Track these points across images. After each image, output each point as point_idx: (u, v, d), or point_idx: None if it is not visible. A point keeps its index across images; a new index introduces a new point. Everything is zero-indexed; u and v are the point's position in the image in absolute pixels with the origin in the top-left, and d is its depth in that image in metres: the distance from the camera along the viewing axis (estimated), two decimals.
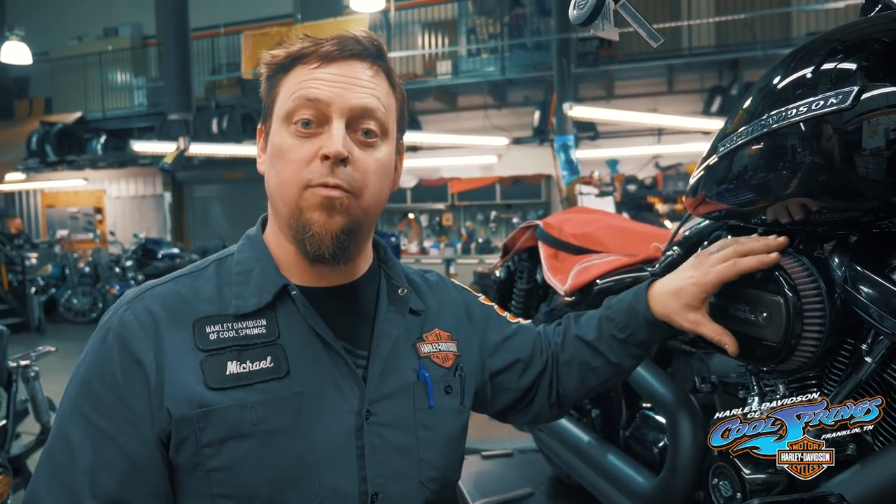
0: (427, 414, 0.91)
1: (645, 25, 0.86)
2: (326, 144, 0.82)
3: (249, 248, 0.91)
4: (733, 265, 0.97)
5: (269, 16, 11.50)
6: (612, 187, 8.74)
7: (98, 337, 0.83)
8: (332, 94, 0.83)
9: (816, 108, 0.87)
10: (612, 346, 1.05)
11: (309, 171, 0.82)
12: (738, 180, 1.06)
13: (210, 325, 0.82)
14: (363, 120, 0.85)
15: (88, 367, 0.81)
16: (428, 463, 0.89)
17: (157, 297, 0.84)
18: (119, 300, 0.86)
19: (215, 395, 0.79)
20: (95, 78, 12.68)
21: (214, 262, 0.90)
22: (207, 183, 13.18)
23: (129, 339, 0.80)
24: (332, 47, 0.85)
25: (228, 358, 0.81)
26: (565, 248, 1.79)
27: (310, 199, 0.83)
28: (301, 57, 0.85)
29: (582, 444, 1.53)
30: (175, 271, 0.90)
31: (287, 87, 0.85)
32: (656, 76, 9.93)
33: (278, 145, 0.85)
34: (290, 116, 0.84)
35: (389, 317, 0.93)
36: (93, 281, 10.13)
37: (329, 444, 0.82)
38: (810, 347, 0.93)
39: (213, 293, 0.85)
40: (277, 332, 0.84)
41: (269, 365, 0.82)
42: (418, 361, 0.94)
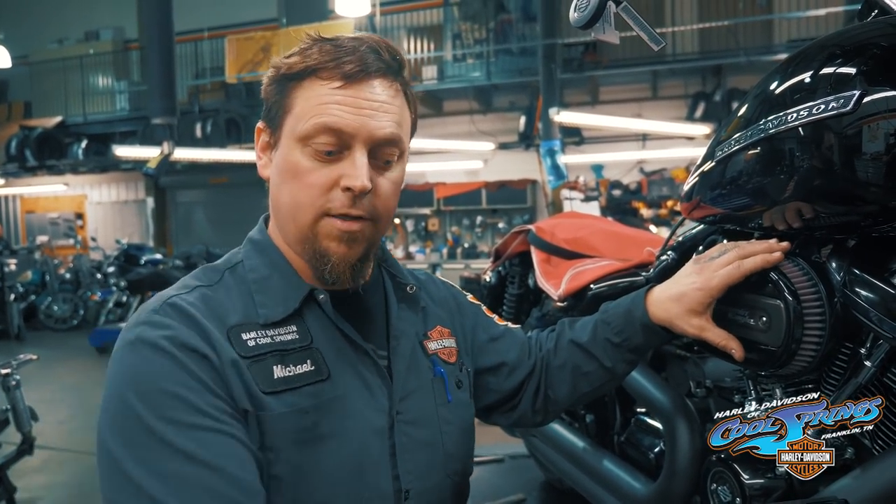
0: (447, 408, 0.94)
1: (647, 28, 0.86)
2: (349, 175, 0.80)
3: (259, 253, 0.88)
4: (738, 267, 0.97)
5: (253, 20, 11.45)
6: (597, 192, 8.77)
7: (140, 350, 0.75)
8: (356, 125, 0.80)
9: (817, 112, 0.87)
10: (607, 350, 1.04)
11: (328, 200, 0.81)
12: (735, 185, 1.06)
13: (244, 332, 0.80)
14: (385, 148, 0.83)
15: (152, 378, 0.73)
16: (451, 456, 0.92)
17: (187, 303, 0.79)
18: (137, 317, 0.79)
19: (270, 400, 0.77)
20: (76, 82, 12.52)
21: (226, 272, 0.86)
22: (191, 188, 13.06)
23: (182, 338, 0.75)
24: (355, 66, 0.80)
25: (272, 363, 0.79)
26: (558, 253, 1.79)
27: (328, 228, 0.82)
28: (319, 69, 0.81)
29: (576, 449, 1.52)
30: (183, 281, 0.85)
31: (303, 103, 0.81)
32: (641, 82, 10.01)
33: (293, 165, 0.82)
34: (308, 139, 0.80)
35: (403, 315, 0.95)
36: (74, 287, 9.98)
37: (368, 446, 0.83)
38: (810, 352, 0.93)
39: (235, 303, 0.82)
40: (310, 336, 0.83)
41: (311, 368, 0.81)
42: (429, 358, 0.95)
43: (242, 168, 10.69)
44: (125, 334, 0.78)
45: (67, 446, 4.50)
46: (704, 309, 0.99)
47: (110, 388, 0.75)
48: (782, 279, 0.94)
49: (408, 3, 11.02)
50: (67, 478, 4.00)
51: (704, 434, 1.28)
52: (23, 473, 3.91)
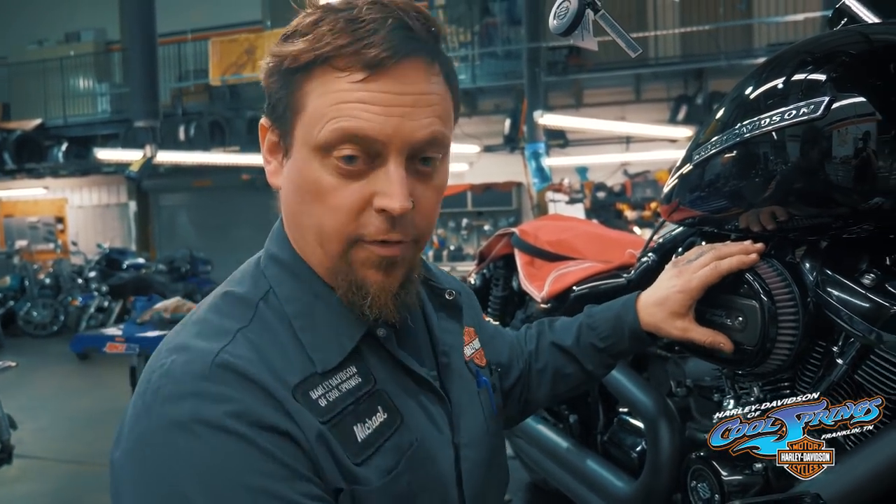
0: (494, 420, 0.86)
1: (624, 36, 0.88)
2: (384, 194, 0.65)
3: (291, 278, 0.72)
4: (715, 268, 0.98)
5: (237, 22, 11.41)
6: (581, 194, 8.85)
7: (200, 435, 0.58)
8: (388, 130, 0.64)
9: (789, 117, 0.90)
10: (590, 354, 1.04)
11: (360, 225, 0.67)
12: (712, 188, 1.08)
13: (311, 389, 0.65)
14: (426, 149, 0.67)
15: (221, 475, 0.57)
16: (500, 467, 0.86)
17: (242, 360, 0.63)
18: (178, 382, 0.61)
19: (363, 472, 0.65)
20: (56, 84, 12.39)
21: (259, 303, 0.69)
22: (174, 191, 12.97)
23: (255, 413, 0.60)
24: (381, 51, 0.63)
25: (351, 422, 0.66)
26: (541, 256, 1.81)
27: (363, 256, 0.68)
28: (333, 58, 0.64)
29: (560, 449, 1.54)
30: (211, 320, 0.67)
31: (317, 102, 0.65)
32: (624, 85, 10.11)
33: (312, 182, 0.66)
34: (328, 149, 0.65)
35: (445, 326, 0.83)
36: (54, 293, 9.86)
37: (447, 486, 0.74)
38: (784, 350, 0.96)
39: (282, 349, 0.66)
40: (372, 377, 0.70)
41: (384, 416, 0.69)
42: (468, 366, 0.86)
43: (226, 171, 10.64)
44: (167, 412, 0.59)
45: (47, 454, 4.45)
46: (686, 311, 1.00)
47: (156, 486, 0.58)
48: (757, 280, 0.96)
49: None
50: (47, 486, 3.95)
51: (685, 432, 1.31)
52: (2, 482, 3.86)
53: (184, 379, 0.61)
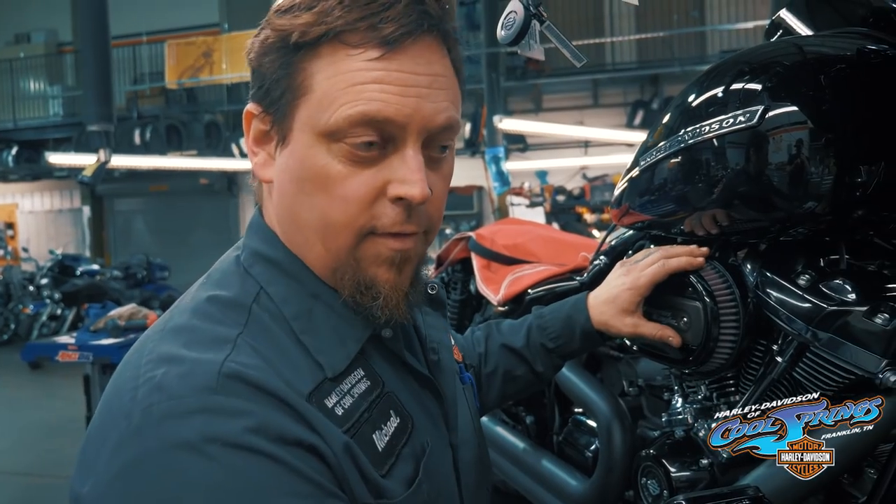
0: (477, 417, 0.84)
1: (569, 46, 0.91)
2: (402, 181, 0.60)
3: (286, 278, 0.65)
4: (663, 266, 1.02)
5: (193, 24, 11.23)
6: (542, 198, 8.94)
7: (215, 456, 0.50)
8: (407, 111, 0.59)
9: (727, 125, 0.93)
10: (540, 355, 1.05)
11: (373, 216, 0.62)
12: (659, 192, 1.11)
13: (325, 397, 0.60)
14: (442, 136, 0.64)
15: (250, 493, 0.51)
16: (487, 467, 0.84)
17: (253, 370, 0.56)
18: (171, 395, 0.53)
19: (389, 484, 0.61)
20: (6, 86, 12.04)
21: (252, 306, 0.63)
22: (130, 196, 12.69)
23: (276, 428, 0.53)
24: (397, 27, 0.58)
25: (370, 431, 0.62)
26: (497, 259, 1.83)
27: (375, 251, 0.63)
28: (345, 32, 0.59)
29: (517, 450, 1.55)
30: (201, 327, 0.60)
31: (326, 84, 0.59)
32: (582, 90, 10.28)
33: (318, 170, 0.61)
34: (338, 134, 0.60)
35: (431, 321, 0.79)
36: (4, 300, 9.55)
37: (451, 488, 0.72)
38: (727, 349, 0.99)
39: (286, 355, 0.61)
40: (380, 379, 0.66)
41: (398, 421, 0.65)
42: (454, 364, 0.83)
43: (184, 175, 10.45)
44: (169, 431, 0.51)
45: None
46: (636, 308, 1.03)
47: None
48: (700, 282, 1.00)
49: None
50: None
51: (637, 431, 1.34)
52: None
53: (184, 393, 0.53)
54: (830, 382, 0.89)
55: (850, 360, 0.85)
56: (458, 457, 0.74)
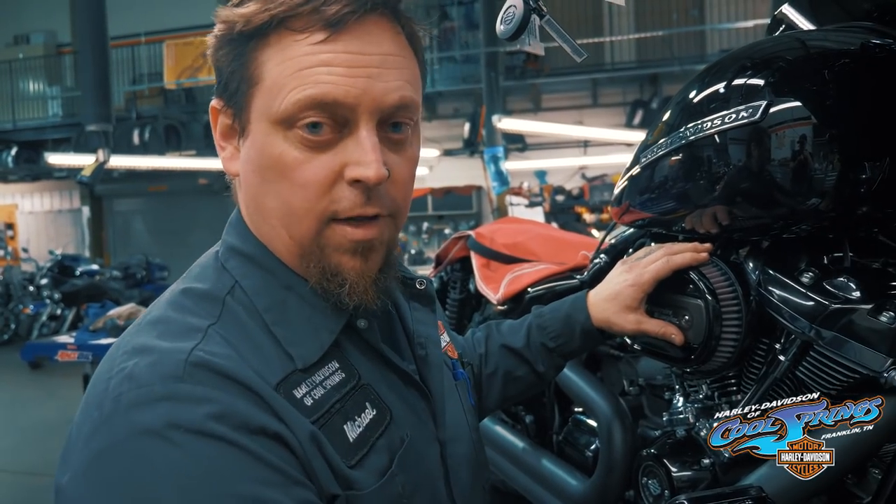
0: (472, 413, 0.83)
1: (569, 41, 0.89)
2: (357, 162, 0.60)
3: (258, 271, 0.66)
4: (667, 262, 1.00)
5: (192, 25, 11.20)
6: (541, 198, 8.93)
7: (178, 443, 0.51)
8: (356, 91, 0.59)
9: (729, 121, 0.92)
10: (541, 355, 1.04)
11: (333, 200, 0.61)
12: (660, 190, 1.10)
13: (294, 388, 0.60)
14: (397, 115, 0.63)
15: (209, 479, 0.51)
16: (483, 465, 0.83)
17: (220, 358, 0.56)
18: (139, 383, 0.54)
19: (357, 475, 0.60)
20: (5, 87, 12.04)
21: (226, 298, 0.63)
22: (129, 196, 12.68)
23: (239, 415, 0.54)
24: (342, 6, 0.58)
25: (340, 422, 0.61)
26: (497, 258, 1.82)
27: (337, 238, 0.63)
28: (290, 17, 0.59)
29: (516, 450, 1.54)
30: (174, 318, 0.61)
31: (276, 71, 0.59)
32: (581, 90, 10.26)
33: (275, 158, 0.61)
34: (291, 120, 0.60)
35: (419, 317, 0.79)
36: (4, 300, 9.55)
37: (437, 486, 0.71)
38: (729, 348, 0.98)
39: (257, 346, 0.61)
40: (356, 371, 0.66)
41: (373, 413, 0.64)
42: (445, 360, 0.82)
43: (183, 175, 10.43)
44: (135, 419, 0.52)
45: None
46: (638, 304, 1.01)
47: (152, 492, 0.50)
48: (702, 280, 0.99)
49: None
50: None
51: (637, 430, 1.33)
52: None
53: (152, 381, 0.53)
54: (834, 381, 0.88)
55: (854, 358, 0.84)
56: (446, 452, 0.73)
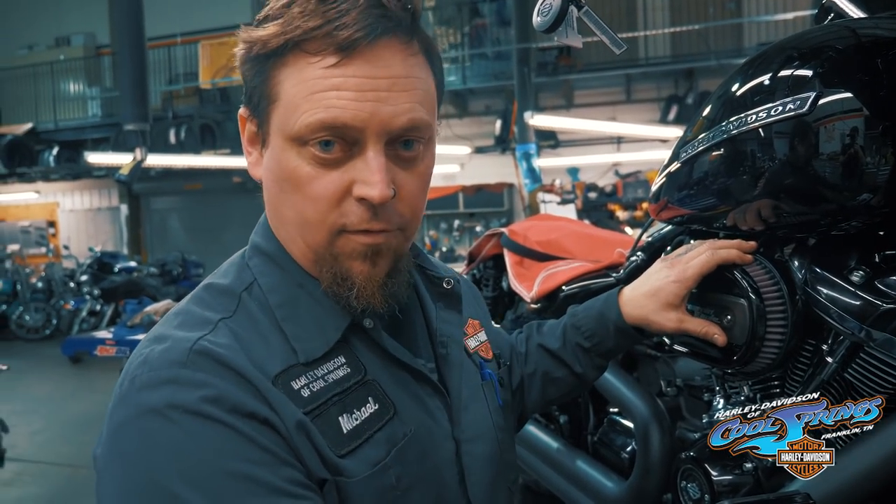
0: (499, 414, 0.84)
1: (608, 32, 0.87)
2: (363, 182, 0.63)
3: (276, 269, 0.70)
4: (712, 256, 0.97)
5: (227, 25, 11.35)
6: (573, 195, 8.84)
7: (176, 422, 0.56)
8: (363, 115, 0.62)
9: (775, 113, 0.89)
10: (577, 355, 1.02)
11: (342, 214, 0.65)
12: (700, 185, 1.07)
13: (293, 380, 0.63)
14: (407, 135, 0.65)
15: (201, 462, 0.56)
16: (509, 465, 0.84)
17: (222, 348, 0.61)
18: (154, 370, 0.60)
19: (347, 463, 0.63)
20: (47, 88, 12.35)
21: (242, 294, 0.69)
22: (165, 194, 12.92)
23: (233, 399, 0.58)
24: (354, 31, 0.60)
25: (336, 413, 0.64)
26: (530, 255, 1.80)
27: (348, 246, 0.66)
28: (305, 41, 0.62)
29: (550, 450, 1.53)
30: (193, 312, 0.67)
31: (291, 91, 0.63)
32: (614, 85, 10.13)
33: (290, 172, 0.65)
34: (303, 140, 0.63)
35: (444, 316, 0.81)
36: (46, 296, 9.82)
37: (446, 481, 0.72)
38: (773, 349, 0.95)
39: (269, 340, 0.66)
40: (362, 367, 0.69)
41: (375, 407, 0.67)
42: (471, 358, 0.84)
43: (217, 174, 10.60)
44: (144, 399, 0.58)
45: (40, 458, 4.43)
46: (680, 301, 0.97)
47: (134, 476, 0.56)
48: (745, 278, 0.96)
49: None
50: (40, 490, 3.93)
51: (675, 432, 1.30)
52: None
53: (160, 366, 0.59)
54: (886, 385, 0.85)
55: None
56: (463, 451, 0.74)
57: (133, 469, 0.56)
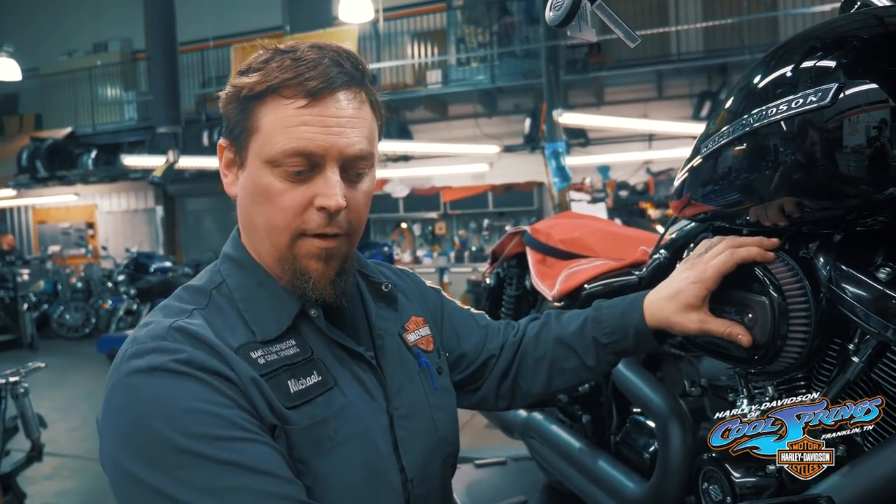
0: (434, 396, 0.97)
1: (622, 26, 0.86)
2: (323, 195, 0.80)
3: (240, 270, 0.88)
4: (731, 255, 0.96)
5: (258, 28, 11.49)
6: (603, 193, 8.77)
7: (160, 377, 0.72)
8: (325, 144, 0.79)
9: (796, 106, 0.86)
10: (592, 348, 1.05)
11: (303, 221, 0.82)
12: (722, 181, 1.05)
13: (252, 351, 0.80)
14: (356, 163, 0.83)
15: (178, 401, 0.71)
16: (444, 440, 0.96)
17: (194, 325, 0.78)
18: (143, 344, 0.76)
19: (293, 414, 0.78)
20: (85, 93, 12.66)
21: (213, 292, 0.86)
22: (199, 196, 13.14)
23: (201, 361, 0.74)
24: (319, 82, 0.79)
25: (286, 377, 0.80)
26: (553, 254, 1.78)
27: (306, 248, 0.83)
28: (281, 87, 0.80)
29: (573, 450, 1.51)
30: (174, 306, 0.83)
31: (269, 125, 0.80)
32: (646, 82, 9.98)
33: (264, 187, 0.81)
34: (277, 163, 0.80)
35: (382, 314, 0.97)
36: (85, 296, 10.07)
37: (378, 445, 0.86)
38: (797, 348, 0.92)
39: (232, 325, 0.82)
40: (310, 348, 0.85)
41: (318, 378, 0.83)
42: (411, 350, 0.98)
43: None
44: (131, 365, 0.74)
45: (78, 453, 4.54)
46: (701, 302, 0.97)
47: (123, 420, 0.72)
48: (767, 275, 0.93)
49: (411, 7, 11.05)
50: (78, 484, 4.03)
51: (697, 433, 1.27)
52: (34, 481, 3.95)
53: (145, 340, 0.76)
54: None
55: None
56: (397, 424, 0.89)
57: (122, 417, 0.72)
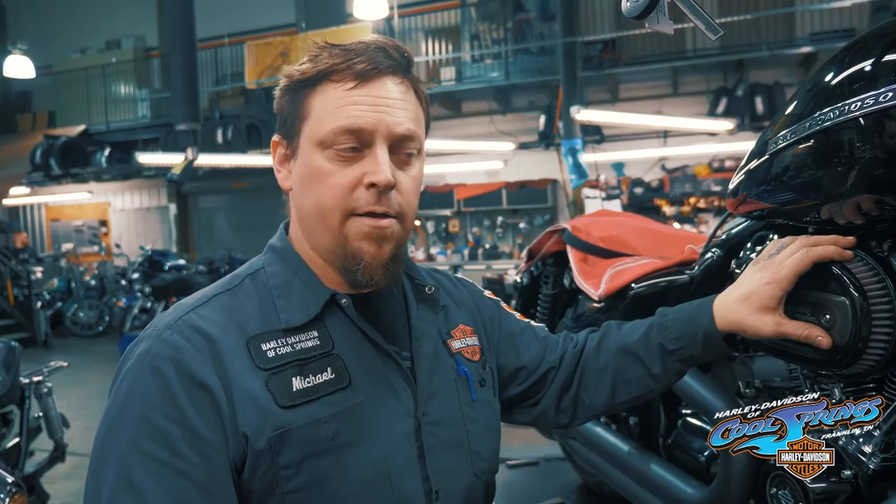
0: (471, 407, 0.94)
1: (704, 17, 0.83)
2: (373, 171, 0.81)
3: (280, 260, 0.89)
4: (807, 254, 0.92)
5: (272, 25, 11.51)
6: (618, 190, 8.70)
7: (142, 368, 0.77)
8: (374, 121, 0.81)
9: (883, 100, 0.84)
10: (658, 355, 1.00)
11: (353, 199, 0.82)
12: (791, 179, 1.02)
13: (264, 342, 0.80)
14: (404, 143, 0.84)
15: (142, 401, 0.75)
16: (478, 455, 0.93)
17: (202, 318, 0.80)
18: (152, 326, 0.81)
19: (289, 414, 0.77)
20: (99, 90, 12.69)
21: (247, 278, 0.88)
22: (212, 193, 13.17)
23: (186, 363, 0.76)
24: (367, 65, 0.82)
25: (292, 374, 0.79)
26: (595, 252, 1.76)
27: (357, 228, 0.83)
28: (331, 73, 0.83)
29: (620, 452, 1.48)
30: (204, 291, 0.86)
31: (320, 109, 0.83)
32: (661, 79, 9.91)
33: (315, 168, 0.83)
34: (329, 143, 0.82)
35: (423, 316, 0.95)
36: (99, 294, 10.11)
37: (395, 450, 0.83)
38: (879, 350, 0.89)
39: (255, 309, 0.83)
40: (331, 342, 0.83)
41: (331, 376, 0.81)
42: (453, 358, 0.96)
43: (263, 173, 10.74)
44: (136, 347, 0.79)
45: None
46: (777, 304, 0.93)
47: (113, 401, 0.77)
48: (846, 275, 0.91)
49: (425, 4, 11.02)
50: None
51: None
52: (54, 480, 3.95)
53: (159, 323, 0.80)
54: None
55: None
56: (424, 430, 0.87)
57: (112, 395, 0.78)
